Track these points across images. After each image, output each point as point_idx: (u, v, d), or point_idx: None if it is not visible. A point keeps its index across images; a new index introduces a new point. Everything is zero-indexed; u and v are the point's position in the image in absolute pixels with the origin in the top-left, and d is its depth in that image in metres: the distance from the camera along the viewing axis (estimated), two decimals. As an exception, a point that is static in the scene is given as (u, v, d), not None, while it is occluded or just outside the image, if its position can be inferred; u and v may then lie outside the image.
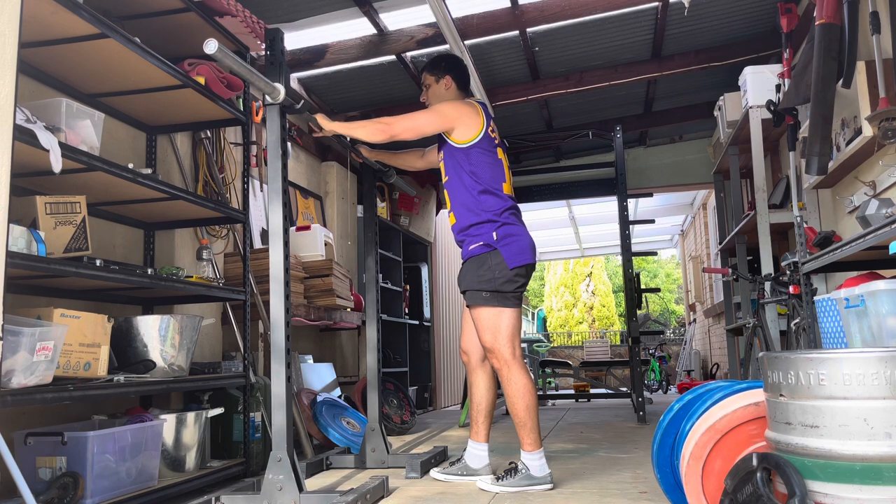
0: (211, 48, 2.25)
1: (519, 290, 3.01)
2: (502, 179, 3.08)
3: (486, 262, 2.98)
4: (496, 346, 2.96)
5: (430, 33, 4.53)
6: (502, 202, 3.04)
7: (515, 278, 2.98)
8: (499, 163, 3.09)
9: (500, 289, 2.95)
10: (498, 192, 3.04)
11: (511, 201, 3.10)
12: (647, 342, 12.20)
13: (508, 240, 2.99)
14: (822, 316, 3.12)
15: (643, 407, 5.33)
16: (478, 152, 3.04)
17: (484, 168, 3.03)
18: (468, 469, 3.13)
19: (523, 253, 3.01)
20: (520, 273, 3.00)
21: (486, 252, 2.99)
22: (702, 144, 7.50)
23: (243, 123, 3.53)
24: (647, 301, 17.33)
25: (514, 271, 2.97)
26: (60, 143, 2.25)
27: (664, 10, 4.72)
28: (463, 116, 3.03)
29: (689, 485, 1.92)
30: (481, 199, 3.02)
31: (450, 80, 3.23)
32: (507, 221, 3.03)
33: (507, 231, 3.01)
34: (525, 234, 3.07)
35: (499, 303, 2.96)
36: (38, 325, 2.17)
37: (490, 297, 2.96)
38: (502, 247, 2.97)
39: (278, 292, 2.66)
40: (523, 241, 3.04)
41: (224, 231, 4.14)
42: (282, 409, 2.60)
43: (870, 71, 3.24)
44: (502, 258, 2.96)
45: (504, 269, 2.95)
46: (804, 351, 1.63)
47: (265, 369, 3.89)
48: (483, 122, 3.07)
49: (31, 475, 2.35)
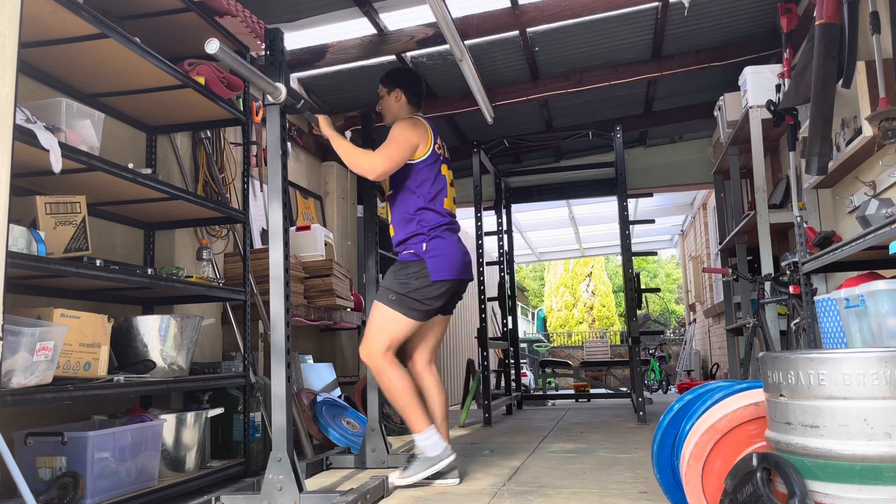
0: (212, 48, 2.25)
1: (429, 303, 3.07)
2: (444, 195, 3.18)
3: (408, 269, 3.07)
4: (376, 340, 3.04)
5: (430, 33, 4.53)
6: (440, 218, 3.13)
7: (432, 291, 3.05)
8: (441, 178, 3.19)
9: (409, 296, 3.03)
10: (437, 208, 3.13)
11: (449, 217, 3.17)
12: (647, 342, 12.20)
13: (436, 252, 3.07)
14: (822, 316, 3.12)
15: (643, 407, 5.33)
16: (423, 169, 3.13)
17: (426, 184, 3.13)
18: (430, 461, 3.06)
19: (449, 269, 3.07)
20: (440, 287, 3.06)
21: (413, 260, 3.08)
22: (702, 144, 7.50)
23: (243, 123, 3.54)
24: (647, 301, 17.33)
25: (436, 284, 3.05)
26: (60, 143, 2.25)
27: (664, 10, 4.72)
28: (417, 138, 3.12)
29: (689, 485, 1.92)
30: (419, 214, 3.11)
31: (400, 94, 3.30)
32: (440, 236, 3.10)
33: (437, 244, 3.08)
34: (455, 251, 3.12)
35: (401, 309, 3.03)
36: (38, 325, 2.17)
37: (395, 301, 3.04)
38: (429, 258, 3.05)
39: (278, 292, 2.66)
40: (452, 257, 3.09)
41: (224, 231, 4.14)
42: (282, 409, 2.60)
43: (870, 71, 3.24)
44: (427, 269, 3.04)
45: (425, 280, 3.03)
46: (804, 351, 1.63)
47: (265, 369, 3.89)
48: (431, 139, 3.17)
49: (31, 475, 2.35)
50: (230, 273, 4.03)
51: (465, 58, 4.49)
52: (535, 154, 7.59)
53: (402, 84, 3.32)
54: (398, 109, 3.31)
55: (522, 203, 7.51)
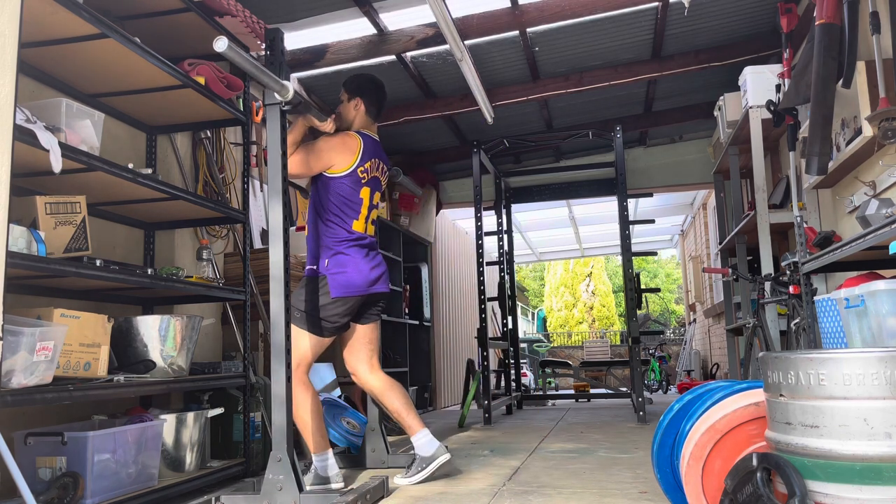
0: (221, 45, 2.25)
1: (334, 319, 3.07)
2: (353, 217, 3.14)
3: (310, 286, 3.07)
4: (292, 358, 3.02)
5: (430, 33, 4.53)
6: (346, 234, 3.11)
7: (335, 308, 3.05)
8: (358, 200, 3.16)
9: (312, 313, 3.05)
10: (345, 225, 3.12)
11: (356, 234, 3.14)
12: (647, 342, 12.20)
13: (336, 269, 3.06)
14: (822, 316, 3.12)
15: (643, 407, 5.33)
16: (337, 185, 3.13)
17: (337, 200, 3.12)
18: (424, 460, 3.10)
19: (348, 286, 3.07)
20: (342, 304, 3.06)
21: (314, 276, 3.09)
22: (702, 144, 7.50)
23: (243, 123, 3.53)
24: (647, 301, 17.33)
25: (337, 301, 3.05)
26: (60, 143, 2.25)
27: (664, 10, 4.72)
28: (338, 154, 3.13)
29: (689, 485, 1.92)
30: (326, 225, 3.11)
31: (360, 103, 3.29)
32: (343, 252, 3.09)
33: (338, 260, 3.08)
34: (358, 268, 3.10)
35: (307, 327, 3.05)
36: (38, 325, 2.17)
37: (300, 318, 3.05)
38: (331, 275, 3.06)
39: (278, 292, 2.66)
40: (354, 274, 3.08)
41: (224, 231, 4.14)
42: (282, 409, 2.60)
43: (870, 71, 3.24)
44: (327, 286, 3.05)
45: (326, 297, 3.04)
46: (804, 351, 1.62)
47: (265, 369, 3.89)
48: (355, 160, 3.15)
49: (31, 475, 2.35)
50: (230, 273, 4.03)
51: (465, 58, 4.48)
52: (535, 154, 7.59)
53: (365, 94, 3.30)
54: (353, 117, 3.28)
55: (522, 203, 7.51)
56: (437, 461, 3.07)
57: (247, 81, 3.50)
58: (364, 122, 3.30)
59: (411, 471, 3.08)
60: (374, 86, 3.37)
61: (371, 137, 3.28)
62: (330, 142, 3.15)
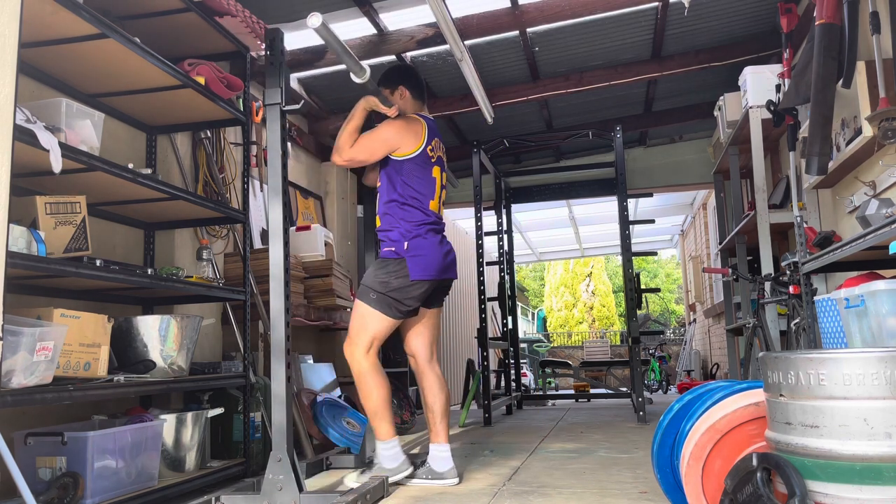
0: (314, 22, 2.34)
1: (410, 302, 3.09)
2: (430, 196, 3.18)
3: (388, 267, 3.08)
4: (358, 339, 3.07)
5: (430, 33, 4.53)
6: (424, 216, 3.14)
7: (412, 291, 3.07)
8: (431, 180, 3.19)
9: (390, 295, 3.05)
10: (423, 206, 3.14)
11: (434, 217, 3.19)
12: (647, 342, 12.20)
13: (417, 252, 3.08)
14: (822, 316, 3.12)
15: (643, 407, 5.33)
16: (410, 167, 3.14)
17: (413, 182, 3.14)
18: (433, 473, 3.08)
19: (428, 269, 3.09)
20: (420, 287, 3.08)
21: (394, 258, 3.09)
22: (702, 144, 7.50)
23: (243, 123, 3.53)
24: (647, 301, 17.33)
25: (415, 284, 3.06)
26: (60, 143, 2.25)
27: (664, 10, 4.72)
28: (403, 137, 3.14)
29: (689, 485, 1.92)
30: (404, 209, 3.12)
31: (404, 90, 3.31)
32: (422, 235, 3.11)
33: (418, 244, 3.09)
34: (436, 252, 3.13)
35: (381, 308, 3.06)
36: (38, 325, 2.17)
37: (376, 300, 3.06)
38: (410, 257, 3.06)
39: (278, 292, 2.66)
40: (431, 258, 3.11)
41: (224, 231, 4.14)
42: (282, 408, 2.60)
43: (870, 71, 3.24)
44: (406, 268, 3.06)
45: (405, 280, 3.05)
46: (804, 351, 1.62)
47: (265, 369, 3.89)
48: (423, 141, 3.17)
49: (31, 475, 2.35)
50: (230, 273, 4.02)
51: (465, 58, 4.48)
52: (535, 154, 7.58)
53: (404, 80, 3.33)
54: (405, 105, 3.30)
55: (522, 203, 7.51)
56: (444, 482, 3.04)
57: (247, 81, 3.50)
58: (416, 107, 3.32)
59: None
60: (408, 70, 3.42)
61: (431, 118, 3.31)
62: (393, 126, 3.16)
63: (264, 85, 2.78)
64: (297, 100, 5.18)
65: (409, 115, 3.25)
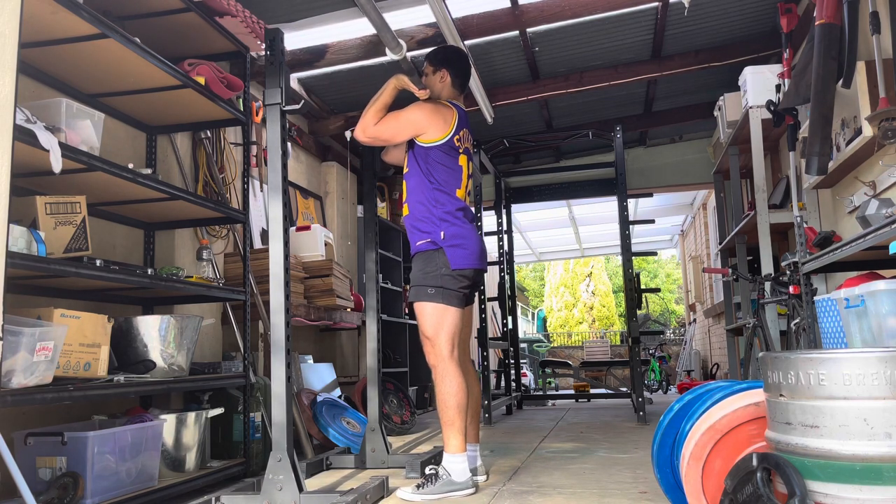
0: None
1: (463, 291, 3.02)
2: (456, 185, 3.10)
3: (433, 260, 3.00)
4: (438, 341, 2.95)
5: (430, 33, 4.53)
6: (454, 202, 3.06)
7: (459, 278, 2.99)
8: (458, 168, 3.11)
9: (445, 285, 2.96)
10: (451, 194, 3.07)
11: (463, 203, 3.11)
12: (647, 342, 12.19)
13: (455, 241, 3.00)
14: (822, 316, 3.12)
15: (643, 407, 5.33)
16: (437, 154, 3.07)
17: (439, 170, 3.06)
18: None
19: (468, 258, 3.01)
20: (464, 275, 3.00)
21: (433, 249, 3.01)
22: (702, 144, 7.51)
23: (243, 123, 3.53)
24: (647, 301, 17.33)
25: (457, 272, 2.98)
26: (60, 143, 2.25)
27: (664, 10, 4.72)
28: (431, 122, 3.07)
29: (689, 485, 1.92)
30: (434, 196, 3.04)
31: (446, 74, 3.23)
32: (457, 223, 3.03)
33: (454, 232, 3.01)
34: (473, 239, 3.06)
35: (444, 300, 2.96)
36: (38, 325, 2.17)
37: (435, 294, 2.96)
38: (448, 247, 2.99)
39: (278, 291, 2.66)
40: (470, 245, 3.03)
41: (224, 231, 4.14)
42: (282, 408, 2.60)
43: (870, 71, 3.24)
44: (446, 258, 2.98)
45: (446, 268, 2.97)
46: (804, 351, 1.62)
47: (265, 369, 3.89)
48: (452, 129, 3.09)
49: (31, 475, 2.35)
50: (230, 273, 4.03)
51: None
52: (535, 154, 7.59)
53: (451, 65, 3.24)
54: (440, 90, 3.22)
55: (522, 203, 7.50)
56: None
57: (247, 81, 3.51)
58: (451, 94, 3.24)
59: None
60: (459, 57, 3.32)
61: (463, 108, 3.23)
62: (423, 109, 3.08)
63: (264, 85, 2.78)
64: (297, 100, 5.17)
65: (441, 101, 3.16)
